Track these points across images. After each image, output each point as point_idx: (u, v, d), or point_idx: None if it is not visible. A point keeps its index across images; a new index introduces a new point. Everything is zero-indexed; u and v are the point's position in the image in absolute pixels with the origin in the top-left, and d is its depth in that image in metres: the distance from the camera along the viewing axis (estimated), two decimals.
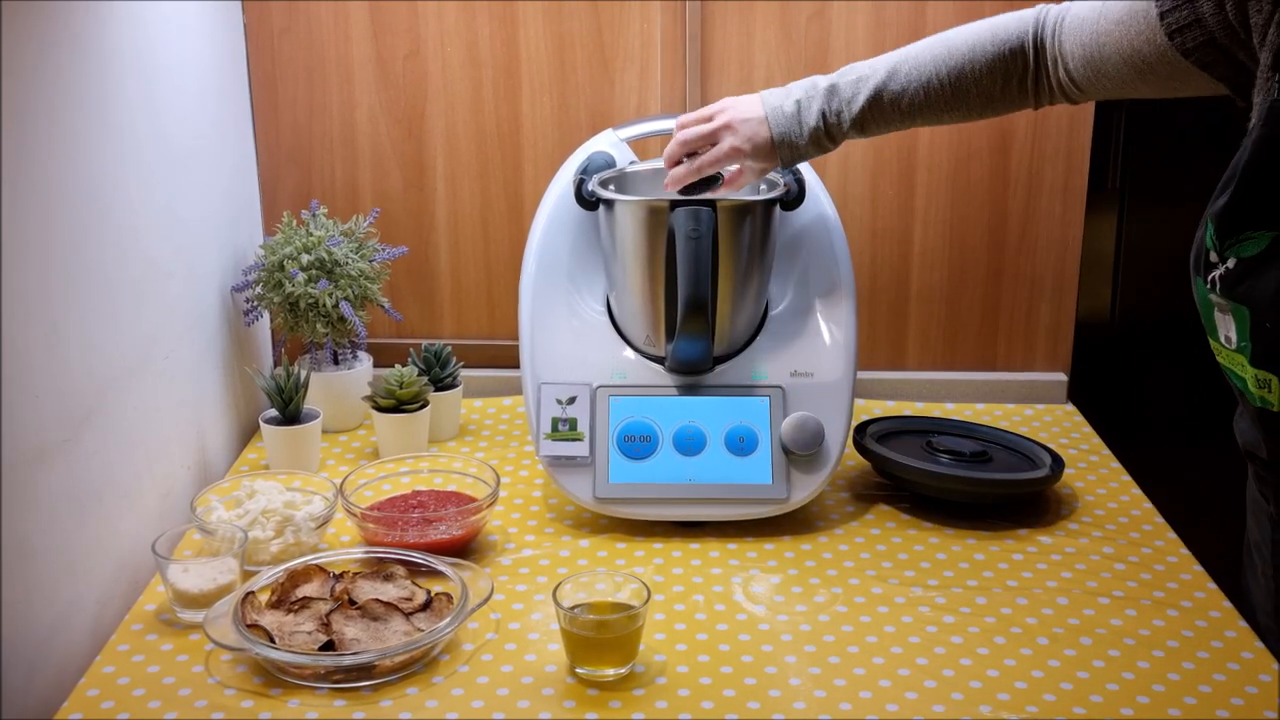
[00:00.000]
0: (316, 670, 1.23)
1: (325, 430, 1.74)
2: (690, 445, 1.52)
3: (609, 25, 1.82)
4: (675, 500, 1.51)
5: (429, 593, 1.33)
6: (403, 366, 1.72)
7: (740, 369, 1.56)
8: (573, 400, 1.53)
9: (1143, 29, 1.23)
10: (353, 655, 1.22)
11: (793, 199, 1.56)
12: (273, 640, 1.23)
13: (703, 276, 1.45)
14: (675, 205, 1.47)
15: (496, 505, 1.52)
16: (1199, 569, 1.44)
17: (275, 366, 1.79)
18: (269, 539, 1.43)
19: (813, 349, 1.57)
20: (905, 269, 1.91)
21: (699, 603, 1.37)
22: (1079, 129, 1.84)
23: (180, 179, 1.57)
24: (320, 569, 1.37)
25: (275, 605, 1.31)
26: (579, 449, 1.52)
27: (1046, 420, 1.87)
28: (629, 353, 1.58)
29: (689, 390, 1.55)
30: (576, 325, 1.59)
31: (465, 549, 1.47)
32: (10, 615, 1.15)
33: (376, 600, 1.30)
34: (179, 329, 1.56)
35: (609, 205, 1.54)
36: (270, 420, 1.67)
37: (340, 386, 1.80)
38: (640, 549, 1.49)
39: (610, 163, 1.62)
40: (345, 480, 1.52)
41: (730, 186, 1.49)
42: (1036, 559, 1.46)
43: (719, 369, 1.56)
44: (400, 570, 1.36)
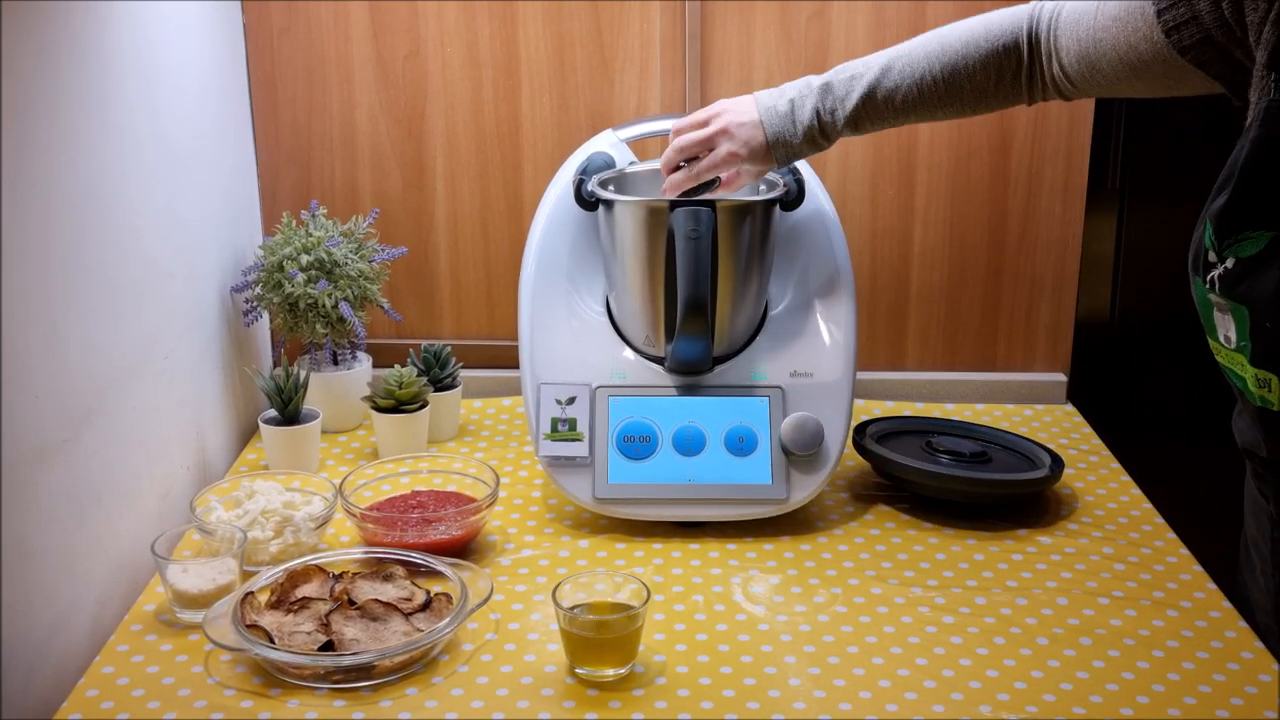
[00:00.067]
0: (316, 670, 1.23)
1: (325, 431, 1.74)
2: (690, 445, 1.52)
3: (609, 25, 1.82)
4: (675, 500, 1.51)
5: (428, 593, 1.33)
6: (402, 367, 1.72)
7: (740, 369, 1.56)
8: (572, 400, 1.53)
9: (1139, 26, 1.23)
10: (352, 655, 1.22)
11: (792, 199, 1.56)
12: (272, 640, 1.23)
13: (702, 277, 1.45)
14: (675, 206, 1.47)
15: (496, 505, 1.52)
16: (1199, 569, 1.44)
17: (275, 367, 1.79)
18: (268, 539, 1.43)
19: (812, 349, 1.57)
20: (905, 269, 1.91)
21: (699, 603, 1.37)
22: (1079, 129, 1.84)
23: (180, 179, 1.57)
24: (320, 569, 1.37)
25: (275, 605, 1.31)
26: (578, 449, 1.52)
27: (1046, 420, 1.87)
28: (628, 353, 1.58)
29: (688, 390, 1.55)
30: (576, 325, 1.59)
31: (465, 549, 1.47)
32: (10, 615, 1.15)
33: (376, 600, 1.30)
34: (179, 329, 1.56)
35: (608, 206, 1.54)
36: (270, 421, 1.67)
37: (340, 387, 1.80)
38: (640, 549, 1.49)
39: (610, 163, 1.62)
40: (345, 481, 1.52)
41: (727, 188, 1.49)
42: (1036, 559, 1.46)
43: (718, 369, 1.56)
44: (400, 570, 1.36)
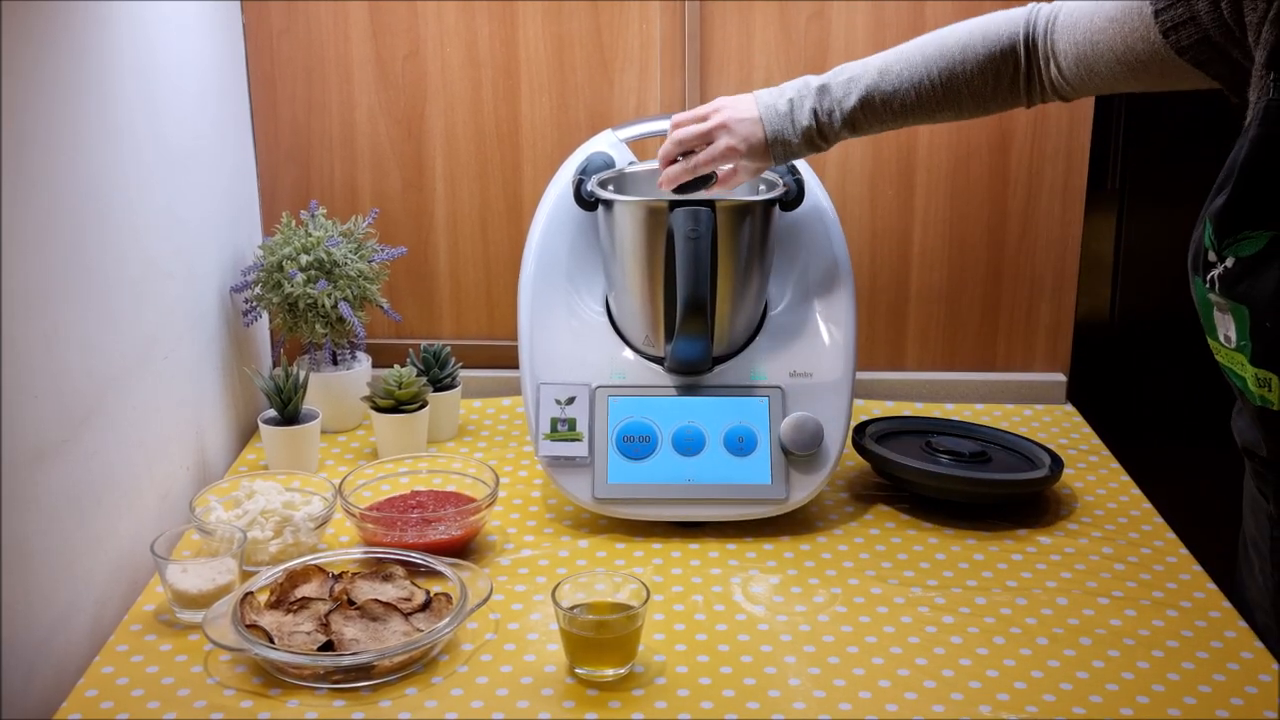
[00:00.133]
0: (315, 670, 1.23)
1: (324, 431, 1.74)
2: (689, 445, 1.52)
3: (608, 26, 1.82)
4: (674, 500, 1.51)
5: (428, 593, 1.33)
6: (402, 367, 1.72)
7: (739, 369, 1.56)
8: (572, 400, 1.53)
9: (1136, 26, 1.23)
10: (352, 655, 1.22)
11: (792, 199, 1.56)
12: (272, 640, 1.23)
13: (702, 277, 1.45)
14: (674, 206, 1.47)
15: (495, 505, 1.52)
16: (1198, 569, 1.44)
17: (274, 367, 1.79)
18: (268, 539, 1.43)
19: (812, 349, 1.57)
20: (904, 269, 1.91)
21: (698, 603, 1.37)
22: (1079, 129, 1.84)
23: (179, 179, 1.57)
24: (319, 569, 1.37)
25: (274, 605, 1.31)
26: (578, 449, 1.52)
27: (1046, 420, 1.87)
28: (628, 353, 1.58)
29: (688, 390, 1.55)
30: (575, 326, 1.59)
31: (464, 549, 1.47)
32: (9, 615, 1.14)
33: (375, 600, 1.29)
34: (178, 329, 1.56)
35: (608, 206, 1.54)
36: (269, 421, 1.67)
37: (339, 387, 1.80)
38: (639, 549, 1.49)
39: (609, 163, 1.62)
40: (344, 481, 1.52)
41: (724, 186, 1.49)
42: (1036, 559, 1.46)
43: (718, 369, 1.56)
44: (399, 570, 1.36)
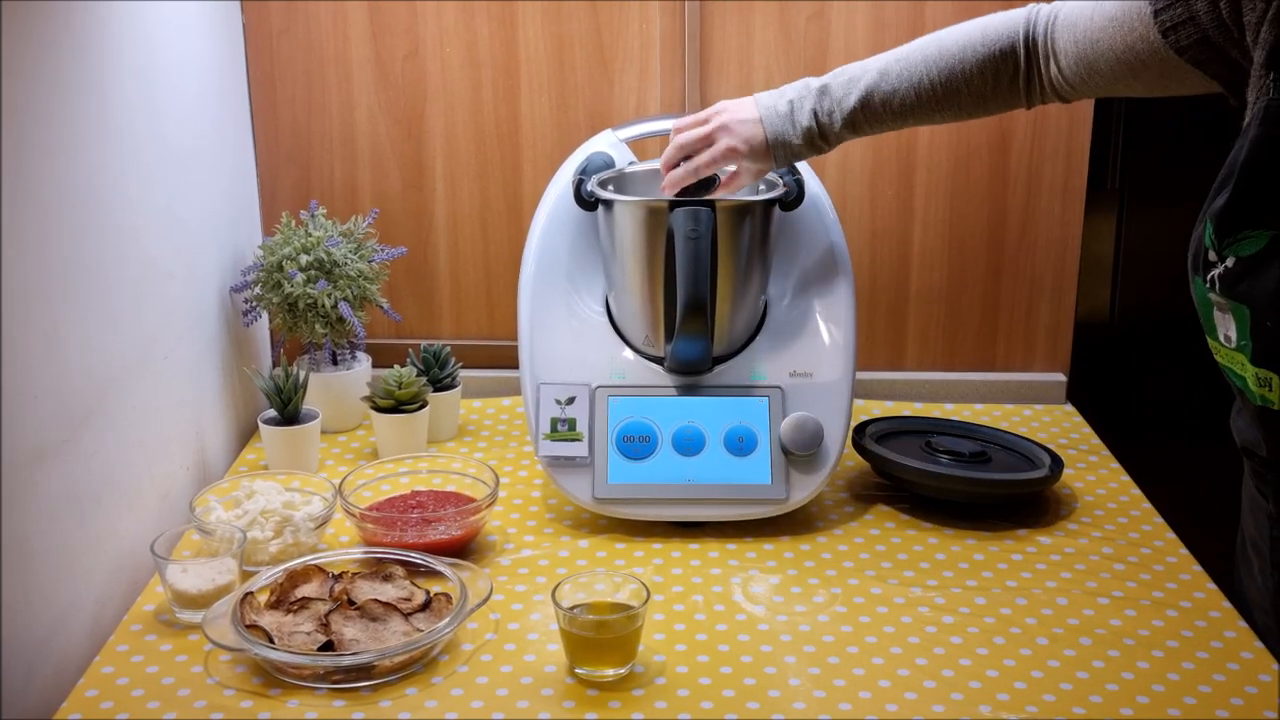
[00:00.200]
0: (315, 670, 1.23)
1: (324, 431, 1.74)
2: (689, 445, 1.52)
3: (608, 26, 1.82)
4: (674, 500, 1.51)
5: (428, 593, 1.33)
6: (401, 367, 1.72)
7: (739, 369, 1.56)
8: (572, 400, 1.53)
9: (1136, 27, 1.24)
10: (352, 655, 1.22)
11: (792, 199, 1.56)
12: (272, 641, 1.23)
13: (702, 277, 1.45)
14: (674, 206, 1.47)
15: (495, 506, 1.52)
16: (1198, 569, 1.44)
17: (274, 367, 1.79)
18: (268, 539, 1.43)
19: (812, 349, 1.57)
20: (904, 269, 1.91)
21: (698, 603, 1.37)
22: (1078, 129, 1.84)
23: (179, 179, 1.57)
24: (319, 569, 1.37)
25: (274, 606, 1.31)
26: (578, 449, 1.52)
27: (1045, 420, 1.87)
28: (628, 353, 1.58)
29: (688, 390, 1.55)
30: (575, 326, 1.59)
31: (464, 549, 1.47)
32: (9, 615, 1.14)
33: (375, 600, 1.29)
34: (178, 329, 1.56)
35: (608, 206, 1.54)
36: (269, 421, 1.66)
37: (339, 387, 1.80)
38: (639, 549, 1.49)
39: (609, 163, 1.62)
40: (344, 481, 1.52)
41: (727, 189, 1.49)
42: (1036, 559, 1.46)
43: (718, 369, 1.56)
44: (399, 570, 1.36)
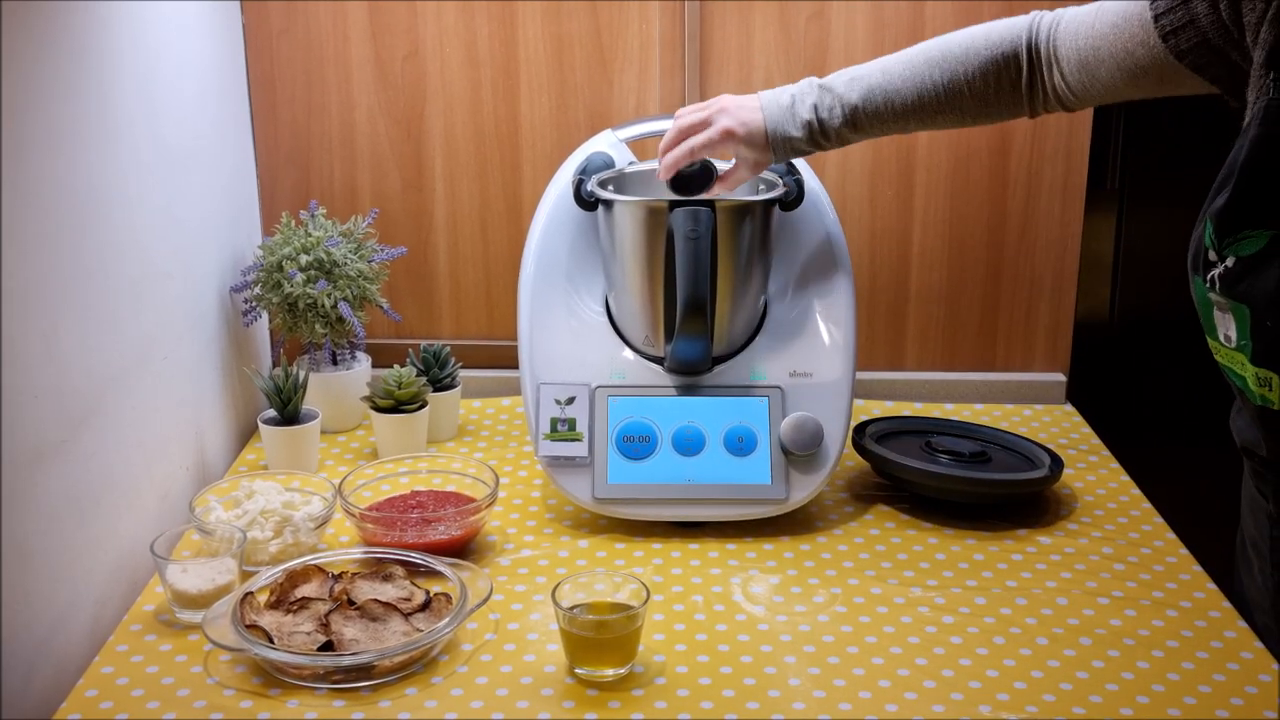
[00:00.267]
0: (315, 671, 1.23)
1: (324, 431, 1.74)
2: (689, 445, 1.52)
3: (608, 26, 1.82)
4: (674, 500, 1.51)
5: (428, 593, 1.33)
6: (401, 367, 1.72)
7: (739, 369, 1.56)
8: (571, 400, 1.53)
9: (1136, 31, 1.24)
10: (351, 656, 1.22)
11: (792, 199, 1.56)
12: (271, 641, 1.23)
13: (702, 277, 1.45)
14: (674, 206, 1.47)
15: (495, 506, 1.52)
16: (1198, 569, 1.44)
17: (274, 367, 1.79)
18: (268, 539, 1.43)
19: (812, 349, 1.57)
20: (904, 269, 1.91)
21: (698, 603, 1.37)
22: (1078, 129, 1.84)
23: (179, 180, 1.57)
24: (319, 569, 1.37)
25: (274, 606, 1.31)
26: (578, 449, 1.52)
27: (1045, 420, 1.87)
28: (628, 353, 1.58)
29: (688, 390, 1.55)
30: (575, 326, 1.59)
31: (464, 549, 1.47)
32: (9, 616, 1.14)
33: (375, 601, 1.29)
34: (178, 329, 1.56)
35: (608, 206, 1.54)
36: (269, 421, 1.66)
37: (339, 387, 1.80)
38: (639, 549, 1.49)
39: (609, 163, 1.62)
40: (344, 481, 1.52)
41: (724, 185, 1.49)
42: (1036, 559, 1.46)
43: (718, 369, 1.56)
44: (399, 571, 1.36)
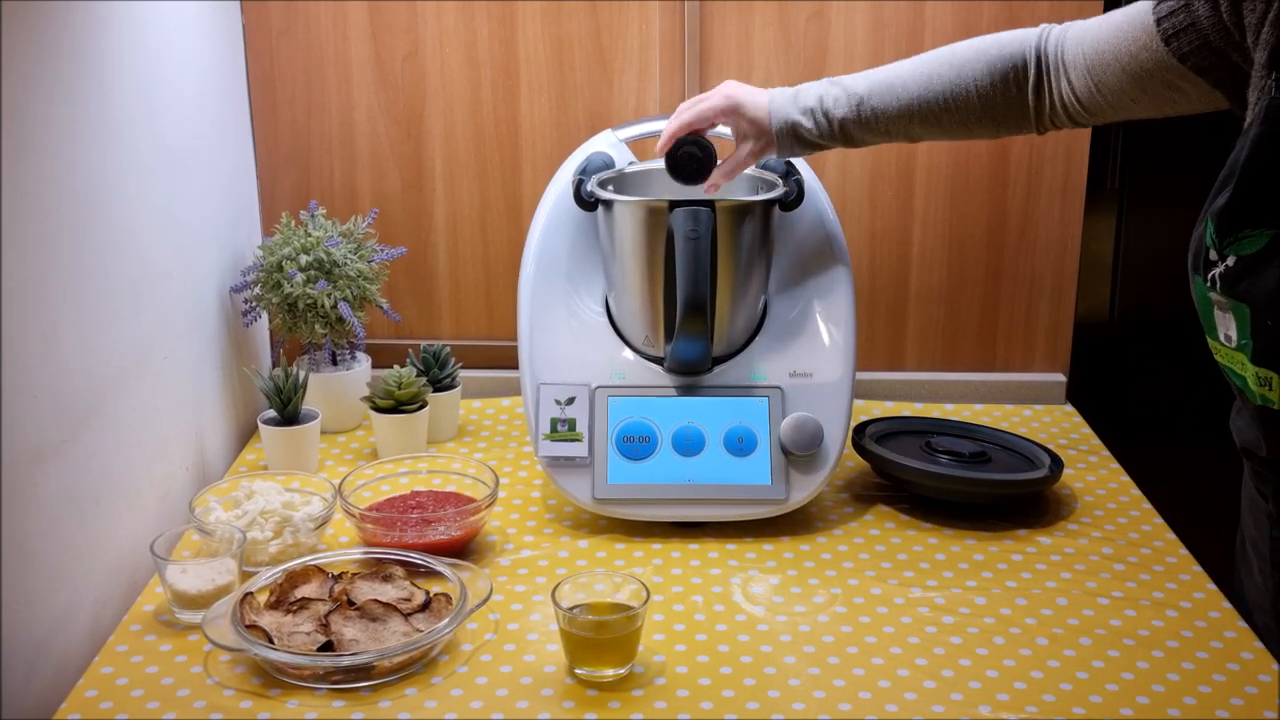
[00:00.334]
0: (315, 671, 1.23)
1: (324, 431, 1.74)
2: (689, 446, 1.52)
3: (608, 26, 1.82)
4: (674, 501, 1.51)
5: (428, 593, 1.33)
6: (401, 367, 1.72)
7: (739, 369, 1.56)
8: (571, 401, 1.53)
9: (1139, 35, 1.25)
10: (351, 656, 1.22)
11: (792, 200, 1.56)
12: (271, 641, 1.23)
13: (702, 277, 1.45)
14: (674, 206, 1.47)
15: (495, 506, 1.52)
16: (1198, 569, 1.44)
17: (274, 367, 1.78)
18: (267, 540, 1.43)
19: (812, 349, 1.57)
20: (904, 270, 1.91)
21: (698, 603, 1.37)
22: (1078, 129, 1.84)
23: (179, 179, 1.57)
24: (319, 570, 1.37)
25: (274, 606, 1.31)
26: (578, 449, 1.52)
27: (1045, 421, 1.87)
28: (628, 353, 1.58)
29: (688, 391, 1.55)
30: (575, 326, 1.59)
31: (464, 550, 1.47)
32: (9, 616, 1.14)
33: (375, 601, 1.29)
34: (177, 329, 1.56)
35: (608, 206, 1.54)
36: (269, 421, 1.66)
37: (339, 387, 1.80)
38: (639, 549, 1.49)
39: (609, 163, 1.62)
40: (344, 481, 1.52)
41: (724, 173, 1.48)
42: (1036, 559, 1.46)
43: (718, 369, 1.56)
44: (399, 571, 1.36)
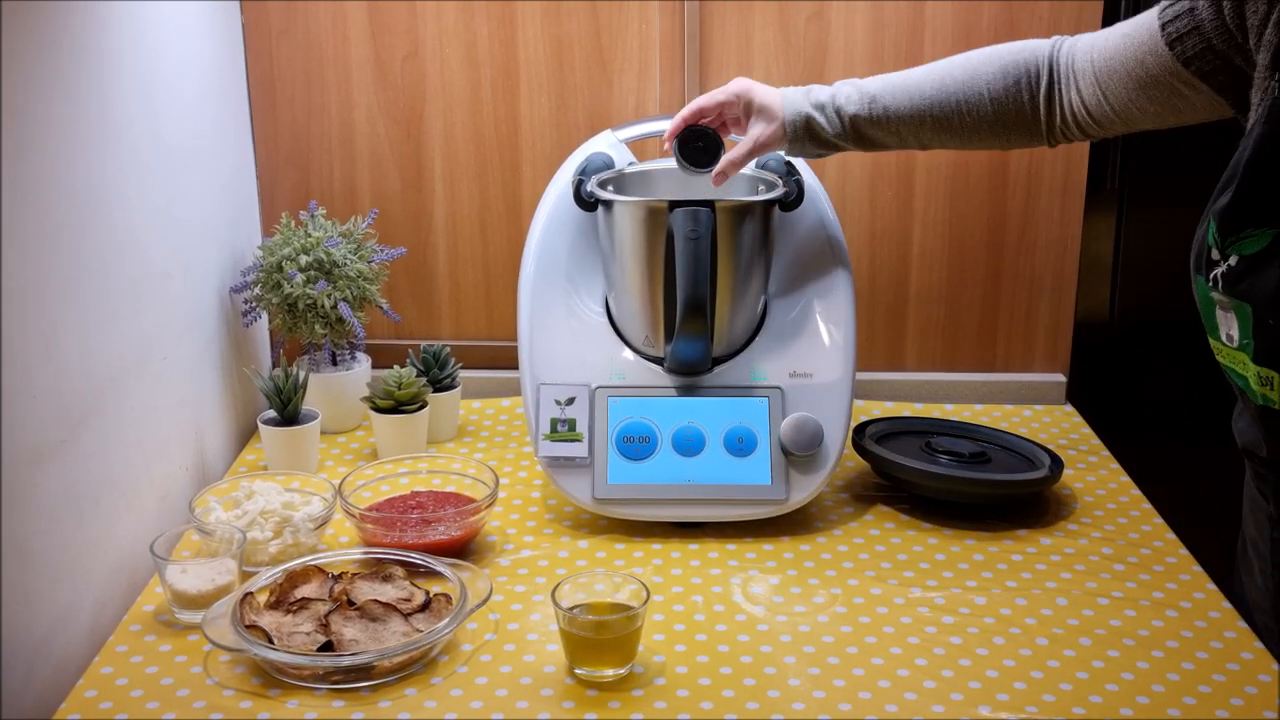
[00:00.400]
0: (315, 671, 1.22)
1: (324, 431, 1.74)
2: (689, 446, 1.52)
3: (607, 26, 1.82)
4: (674, 501, 1.51)
5: (428, 593, 1.33)
6: (401, 367, 1.72)
7: (739, 370, 1.56)
8: (571, 401, 1.53)
9: (1144, 40, 1.26)
10: (351, 656, 1.22)
11: (792, 200, 1.56)
12: (271, 641, 1.23)
13: (701, 277, 1.45)
14: (674, 206, 1.47)
15: (495, 506, 1.52)
16: (1198, 569, 1.44)
17: (274, 367, 1.78)
18: (267, 540, 1.43)
19: (812, 349, 1.57)
20: (904, 270, 1.91)
21: (698, 603, 1.37)
22: None
23: (179, 180, 1.57)
24: (319, 570, 1.37)
25: (274, 606, 1.31)
26: (578, 450, 1.52)
27: (1045, 421, 1.87)
28: (628, 353, 1.58)
29: (688, 391, 1.55)
30: (575, 326, 1.59)
31: (464, 550, 1.47)
32: (9, 616, 1.14)
33: (375, 601, 1.29)
34: (177, 330, 1.56)
35: (608, 206, 1.54)
36: (269, 421, 1.66)
37: (339, 387, 1.80)
38: (639, 549, 1.48)
39: (609, 163, 1.62)
40: (344, 481, 1.52)
41: (732, 160, 1.48)
42: (1036, 559, 1.46)
43: (718, 370, 1.56)
44: (399, 571, 1.36)
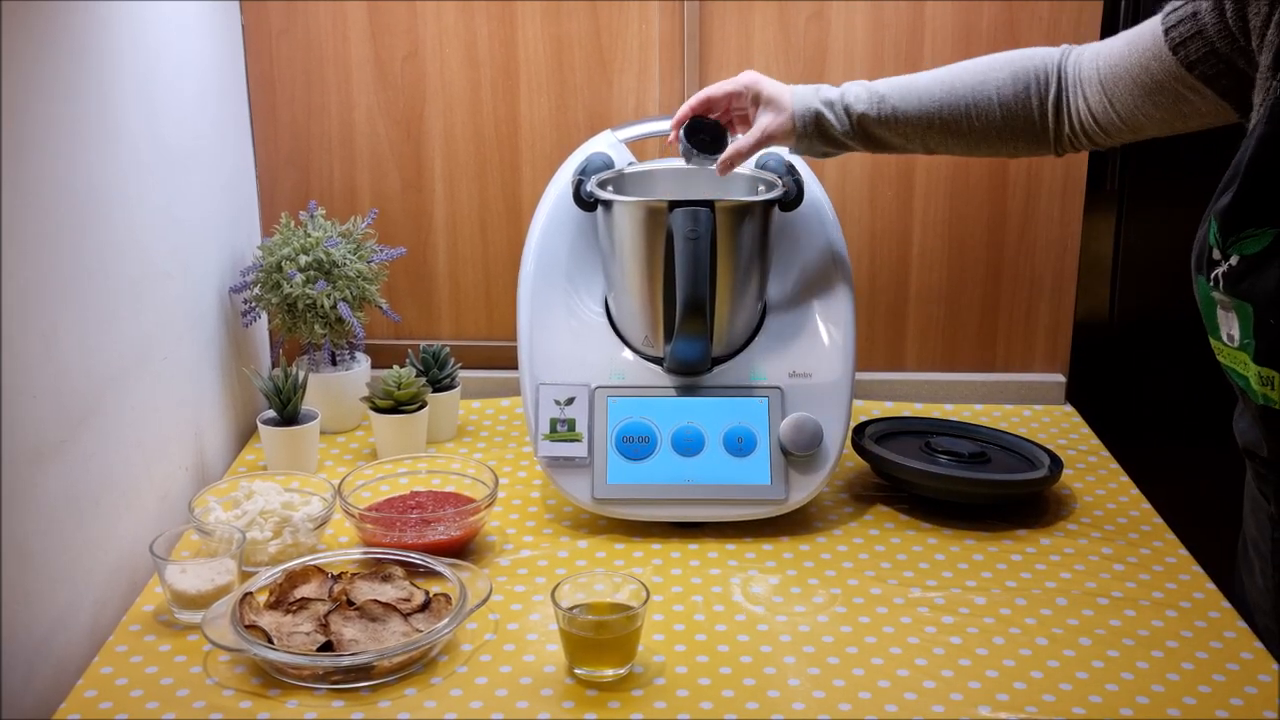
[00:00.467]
0: (315, 671, 1.22)
1: (323, 431, 1.74)
2: (689, 446, 1.52)
3: (607, 26, 1.82)
4: (674, 501, 1.51)
5: (427, 593, 1.33)
6: (401, 367, 1.72)
7: (739, 370, 1.56)
8: (571, 401, 1.53)
9: (1149, 45, 1.27)
10: (351, 656, 1.22)
11: (791, 200, 1.56)
12: (271, 641, 1.23)
13: (701, 277, 1.45)
14: (674, 206, 1.47)
15: (495, 506, 1.52)
16: (1198, 569, 1.44)
17: (273, 367, 1.78)
18: (267, 540, 1.43)
19: (811, 350, 1.57)
20: (904, 270, 1.91)
21: (698, 603, 1.37)
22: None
23: (178, 180, 1.57)
24: (318, 570, 1.37)
25: (273, 606, 1.31)
26: (577, 450, 1.52)
27: (1045, 421, 1.87)
28: (627, 353, 1.58)
29: (687, 391, 1.55)
30: (575, 326, 1.59)
31: (464, 550, 1.47)
32: (8, 616, 1.14)
33: (375, 601, 1.29)
34: (177, 330, 1.56)
35: (607, 206, 1.54)
36: (268, 421, 1.66)
37: (338, 387, 1.80)
38: (639, 549, 1.48)
39: (609, 164, 1.62)
40: (343, 481, 1.52)
41: (739, 151, 1.48)
42: (1035, 560, 1.46)
43: (717, 370, 1.56)
44: (398, 571, 1.36)
